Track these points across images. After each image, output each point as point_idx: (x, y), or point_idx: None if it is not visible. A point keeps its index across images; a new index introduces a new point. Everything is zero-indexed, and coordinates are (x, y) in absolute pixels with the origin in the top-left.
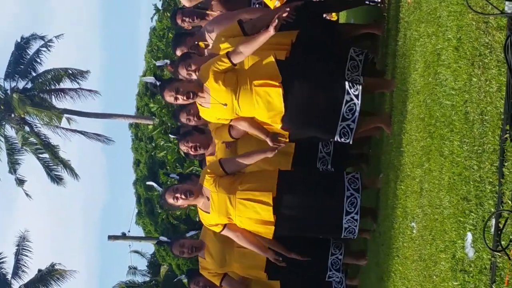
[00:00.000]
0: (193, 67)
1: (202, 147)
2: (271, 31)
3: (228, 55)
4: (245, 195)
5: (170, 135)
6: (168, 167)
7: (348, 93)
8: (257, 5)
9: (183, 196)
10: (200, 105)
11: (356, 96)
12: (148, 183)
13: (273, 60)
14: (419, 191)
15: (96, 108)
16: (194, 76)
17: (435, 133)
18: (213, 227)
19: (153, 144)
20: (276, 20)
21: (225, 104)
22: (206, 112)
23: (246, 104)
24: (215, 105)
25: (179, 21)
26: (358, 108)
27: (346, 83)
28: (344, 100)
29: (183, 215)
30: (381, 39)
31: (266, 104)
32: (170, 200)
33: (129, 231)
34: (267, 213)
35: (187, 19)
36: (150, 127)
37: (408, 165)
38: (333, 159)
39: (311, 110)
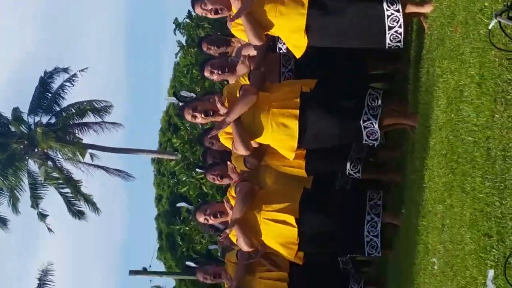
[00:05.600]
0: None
1: (226, 176)
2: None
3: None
4: (270, 215)
5: (196, 169)
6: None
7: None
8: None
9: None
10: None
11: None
12: (178, 204)
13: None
14: (441, 227)
15: (118, 142)
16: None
17: (457, 169)
18: None
19: (175, 180)
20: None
21: None
22: (224, 138)
23: (261, 128)
24: None
25: (205, 49)
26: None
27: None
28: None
29: (203, 250)
30: (404, 75)
31: (282, 127)
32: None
33: (150, 266)
34: (292, 234)
35: (212, 47)
36: (173, 162)
37: (429, 201)
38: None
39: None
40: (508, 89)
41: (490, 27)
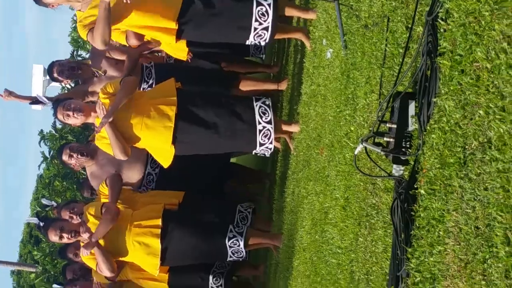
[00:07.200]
0: (76, 210)
1: None
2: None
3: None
4: None
5: (54, 285)
6: None
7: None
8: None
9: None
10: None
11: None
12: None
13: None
14: None
15: None
16: (75, 220)
17: None
18: None
19: None
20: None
21: None
22: (87, 258)
23: (123, 247)
24: None
25: (65, 158)
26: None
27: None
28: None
29: None
30: (269, 196)
31: (144, 246)
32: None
33: None
34: None
35: (74, 155)
36: (33, 275)
37: None
38: None
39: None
40: (372, 213)
41: (356, 152)
